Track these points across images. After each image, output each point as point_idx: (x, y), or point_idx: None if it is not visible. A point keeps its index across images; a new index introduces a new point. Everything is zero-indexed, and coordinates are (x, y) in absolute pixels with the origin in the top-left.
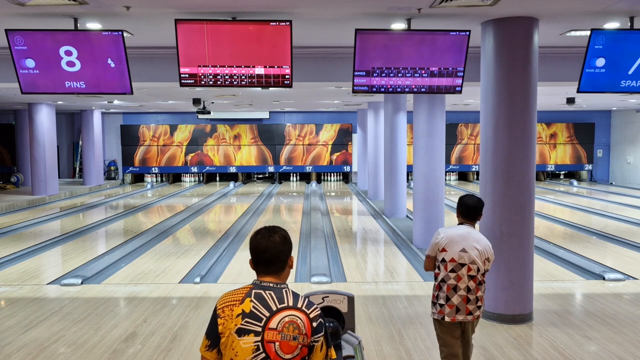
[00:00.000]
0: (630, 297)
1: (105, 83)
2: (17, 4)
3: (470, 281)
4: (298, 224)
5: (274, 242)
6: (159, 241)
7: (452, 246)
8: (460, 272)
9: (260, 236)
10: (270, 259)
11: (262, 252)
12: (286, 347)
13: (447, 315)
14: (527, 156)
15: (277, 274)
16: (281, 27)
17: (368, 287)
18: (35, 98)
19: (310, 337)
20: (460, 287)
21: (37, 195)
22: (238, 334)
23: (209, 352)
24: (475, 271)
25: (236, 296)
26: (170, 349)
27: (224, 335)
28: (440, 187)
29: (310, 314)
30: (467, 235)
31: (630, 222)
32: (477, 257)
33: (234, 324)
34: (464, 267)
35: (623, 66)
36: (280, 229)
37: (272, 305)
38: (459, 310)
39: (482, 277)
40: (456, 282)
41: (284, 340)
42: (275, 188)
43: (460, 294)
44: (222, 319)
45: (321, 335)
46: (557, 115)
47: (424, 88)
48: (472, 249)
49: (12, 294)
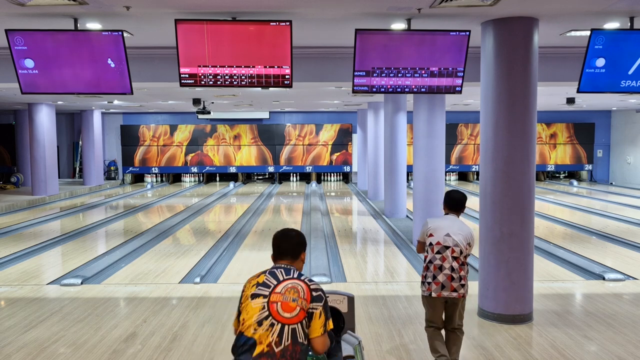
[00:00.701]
0: (630, 297)
1: (105, 83)
2: (17, 4)
3: (454, 262)
4: (298, 224)
5: (292, 236)
6: (159, 241)
7: (438, 232)
8: (445, 254)
9: (281, 231)
10: (287, 247)
11: (282, 242)
12: (286, 307)
13: (434, 292)
14: (527, 156)
15: (290, 261)
16: (281, 27)
17: (368, 287)
18: (35, 98)
19: (309, 303)
20: (445, 267)
21: (37, 195)
22: (252, 298)
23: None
24: (458, 253)
25: (258, 275)
26: (170, 349)
27: (244, 302)
28: (440, 187)
29: (311, 286)
30: (451, 224)
31: (630, 222)
32: (460, 241)
33: (250, 291)
34: (448, 250)
35: (623, 66)
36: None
37: (280, 277)
38: (444, 287)
39: (465, 260)
40: (441, 262)
41: (285, 300)
42: (275, 188)
43: (445, 273)
44: (244, 290)
45: (320, 305)
46: (557, 115)
47: (424, 88)
48: (455, 234)
49: (12, 294)
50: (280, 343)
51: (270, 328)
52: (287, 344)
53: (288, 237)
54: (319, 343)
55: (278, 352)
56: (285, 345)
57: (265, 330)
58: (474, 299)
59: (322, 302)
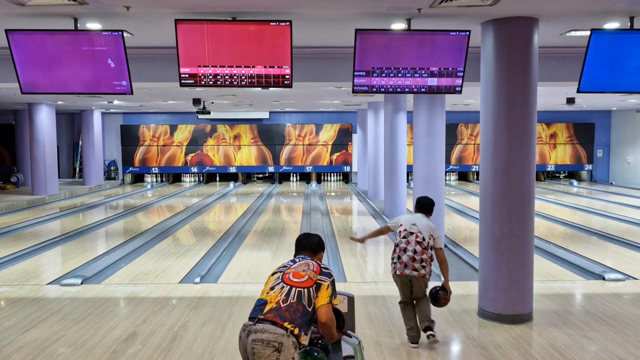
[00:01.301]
0: (630, 297)
1: (105, 83)
2: (17, 4)
3: (417, 245)
4: (298, 224)
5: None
6: (159, 241)
7: (406, 222)
8: (410, 239)
9: (304, 234)
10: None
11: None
12: (296, 275)
13: (398, 270)
14: (527, 156)
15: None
16: (281, 27)
17: (368, 287)
18: (35, 98)
19: (317, 275)
20: (409, 249)
21: (37, 195)
22: (272, 275)
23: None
24: (422, 239)
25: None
26: (170, 349)
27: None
28: (440, 187)
29: (322, 265)
30: (419, 218)
31: (630, 222)
32: (425, 230)
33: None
34: (412, 235)
35: (623, 66)
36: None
37: (298, 260)
38: (407, 266)
39: (429, 247)
40: (406, 246)
41: (296, 270)
42: (275, 188)
43: (408, 254)
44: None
45: (328, 279)
46: (557, 115)
47: (424, 88)
48: (421, 225)
49: (12, 294)
50: (286, 300)
51: (280, 290)
52: (292, 302)
53: (310, 237)
54: (324, 311)
55: (284, 307)
56: (291, 302)
57: (275, 293)
58: (474, 299)
59: (330, 278)
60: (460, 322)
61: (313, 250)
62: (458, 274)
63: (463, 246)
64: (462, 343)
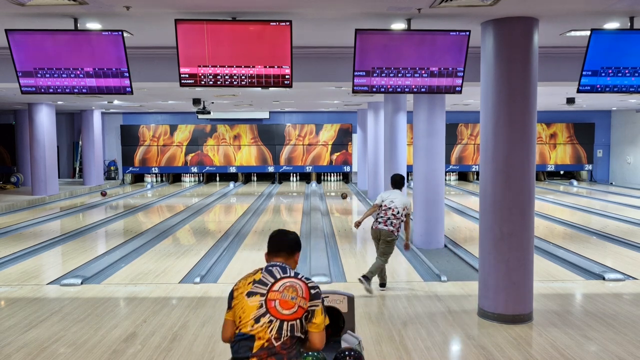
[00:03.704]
0: (630, 297)
1: (105, 83)
2: (17, 4)
3: (392, 216)
4: (298, 224)
5: (289, 236)
6: (159, 241)
7: (387, 198)
8: (387, 210)
9: (277, 231)
10: (283, 247)
11: (278, 242)
12: (285, 304)
13: (373, 226)
14: (527, 156)
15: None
16: (281, 27)
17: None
18: (35, 98)
19: (308, 301)
20: (385, 217)
21: (37, 195)
22: (247, 296)
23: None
24: (395, 212)
25: (253, 273)
26: (170, 349)
27: (237, 298)
28: (440, 187)
29: (309, 284)
30: (395, 194)
31: (630, 222)
32: (399, 205)
33: (246, 288)
34: (389, 209)
35: (623, 66)
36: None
37: (277, 275)
38: (380, 224)
39: (401, 216)
40: (384, 215)
41: (283, 298)
42: (275, 188)
43: (384, 219)
44: (237, 286)
45: (319, 302)
46: (557, 115)
47: (424, 88)
48: (396, 202)
49: (12, 294)
50: (279, 338)
51: (269, 324)
52: (286, 339)
53: (285, 236)
54: (319, 339)
55: (278, 346)
56: (284, 340)
57: (263, 327)
58: (474, 299)
59: (320, 298)
60: (460, 322)
61: (289, 252)
62: (458, 274)
63: (463, 246)
64: (462, 343)
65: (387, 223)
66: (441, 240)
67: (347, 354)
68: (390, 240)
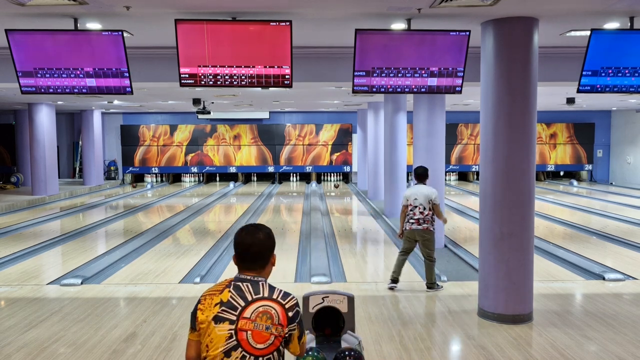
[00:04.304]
0: (630, 297)
1: (105, 83)
2: (17, 4)
3: (420, 214)
4: (298, 224)
5: (259, 238)
6: (159, 241)
7: (411, 197)
8: (414, 209)
9: (245, 232)
10: (254, 255)
11: (246, 248)
12: (258, 337)
13: (406, 227)
14: (527, 156)
15: (259, 271)
16: (281, 27)
17: (368, 287)
18: (35, 98)
19: (285, 328)
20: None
21: (37, 195)
22: (215, 322)
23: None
24: (422, 208)
25: (218, 287)
26: (170, 349)
27: (203, 323)
28: (440, 187)
29: (286, 304)
30: (417, 190)
31: (630, 222)
32: (423, 202)
33: (212, 312)
34: (416, 208)
35: (623, 66)
36: (265, 226)
37: (248, 296)
38: (413, 224)
39: (429, 211)
40: (412, 215)
41: (257, 329)
42: (275, 188)
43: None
44: (202, 306)
45: (296, 324)
46: (557, 115)
47: (424, 88)
48: (420, 198)
49: (12, 294)
50: None
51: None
52: None
53: (256, 242)
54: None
55: None
56: None
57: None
58: (474, 299)
59: (298, 319)
60: (460, 322)
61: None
62: (458, 274)
63: (463, 246)
64: (462, 343)
65: (419, 222)
66: (441, 240)
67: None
68: (427, 238)
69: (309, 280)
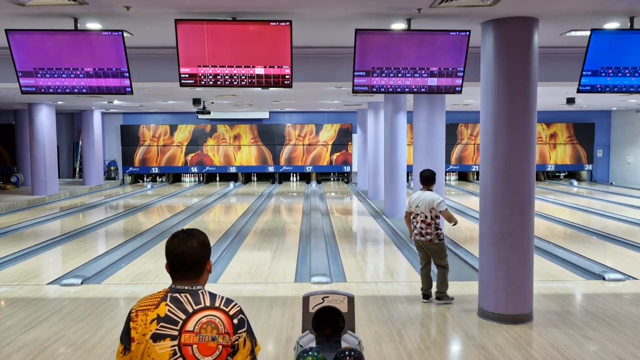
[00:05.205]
0: (630, 297)
1: (105, 83)
2: (17, 4)
3: (422, 223)
4: (298, 224)
5: (192, 247)
6: (159, 241)
7: (413, 204)
8: (416, 217)
9: (177, 240)
10: (188, 264)
11: (179, 257)
12: (205, 349)
13: (411, 237)
14: (527, 156)
15: (195, 280)
16: (281, 27)
17: (368, 287)
18: (35, 98)
19: (232, 336)
20: (417, 227)
21: (37, 195)
22: (153, 340)
23: (125, 357)
24: (424, 217)
25: (152, 300)
26: None
27: (137, 342)
28: (440, 188)
29: (230, 311)
30: (419, 197)
31: (630, 222)
32: (424, 209)
33: (149, 329)
34: (418, 215)
35: (623, 66)
36: (199, 232)
37: (189, 308)
38: (417, 235)
39: (431, 220)
40: (415, 224)
41: (202, 342)
42: (275, 188)
43: (418, 229)
44: (135, 323)
45: (243, 331)
46: (557, 115)
47: (424, 88)
48: (421, 206)
49: (12, 294)
50: None
51: None
52: None
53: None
54: None
55: None
56: None
57: None
58: (474, 299)
59: (245, 327)
60: (460, 322)
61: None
62: (458, 274)
63: (463, 246)
64: (462, 343)
65: (422, 234)
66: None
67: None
68: (432, 250)
69: (309, 280)
